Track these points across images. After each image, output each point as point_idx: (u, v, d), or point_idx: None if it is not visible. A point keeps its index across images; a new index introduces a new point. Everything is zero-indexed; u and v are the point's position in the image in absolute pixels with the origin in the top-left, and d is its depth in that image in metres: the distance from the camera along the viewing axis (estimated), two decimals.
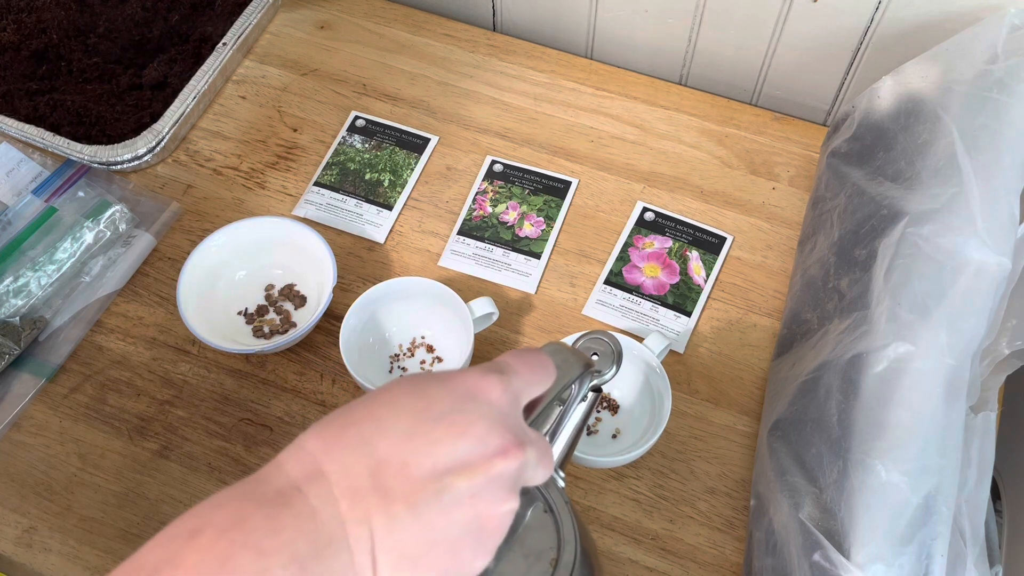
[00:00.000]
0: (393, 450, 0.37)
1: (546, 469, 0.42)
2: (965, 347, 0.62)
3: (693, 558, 0.71)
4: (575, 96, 0.95)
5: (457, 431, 0.38)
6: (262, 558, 0.34)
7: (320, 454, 0.37)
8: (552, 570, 0.46)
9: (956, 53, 0.73)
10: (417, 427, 0.38)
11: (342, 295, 0.82)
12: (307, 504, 0.36)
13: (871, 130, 0.78)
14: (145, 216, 0.86)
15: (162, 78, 0.93)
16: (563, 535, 0.47)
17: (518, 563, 0.46)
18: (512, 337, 0.81)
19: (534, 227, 0.86)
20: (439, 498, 0.37)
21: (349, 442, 0.38)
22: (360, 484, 0.37)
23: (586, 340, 0.55)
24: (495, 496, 0.38)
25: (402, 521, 0.36)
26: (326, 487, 0.36)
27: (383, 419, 0.38)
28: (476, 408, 0.39)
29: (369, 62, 0.98)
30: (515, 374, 0.42)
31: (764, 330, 0.81)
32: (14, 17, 0.96)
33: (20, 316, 0.79)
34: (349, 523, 0.36)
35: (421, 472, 0.37)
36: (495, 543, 0.40)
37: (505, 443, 0.39)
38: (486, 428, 0.39)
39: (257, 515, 0.35)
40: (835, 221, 0.76)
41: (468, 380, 0.40)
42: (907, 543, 0.57)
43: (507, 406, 0.40)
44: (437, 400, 0.39)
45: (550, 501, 0.48)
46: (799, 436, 0.66)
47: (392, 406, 0.39)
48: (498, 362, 0.43)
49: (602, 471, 0.74)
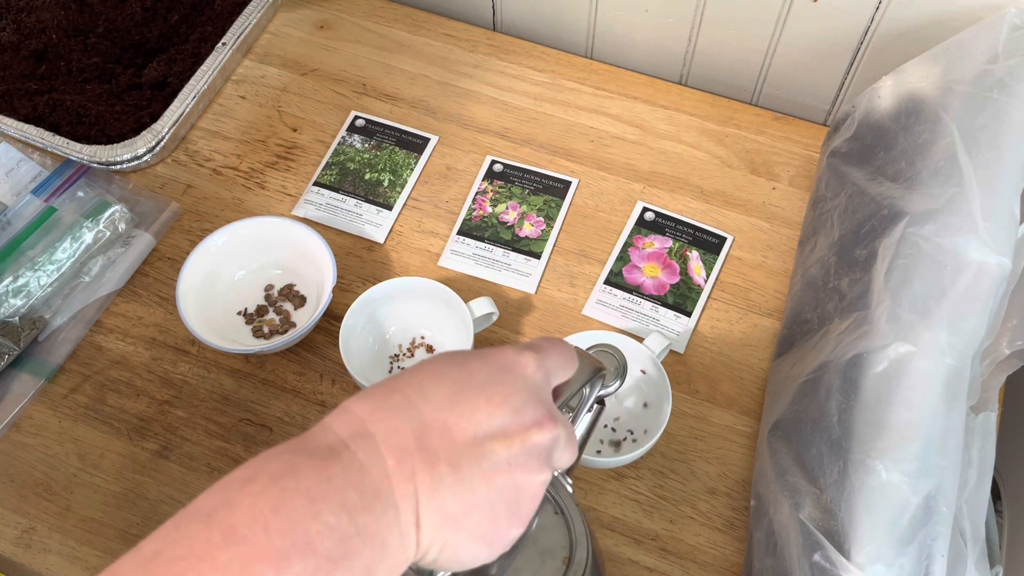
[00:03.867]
0: (436, 414, 0.39)
1: (572, 452, 0.44)
2: (965, 347, 0.62)
3: (693, 558, 0.71)
4: (575, 96, 0.95)
5: (497, 401, 0.40)
6: (313, 504, 0.35)
7: (366, 415, 0.39)
8: (566, 568, 0.47)
9: (956, 53, 0.73)
10: (459, 395, 0.40)
11: (342, 295, 0.82)
12: (355, 459, 0.37)
13: (871, 130, 0.78)
14: (145, 216, 0.86)
15: (162, 78, 0.92)
16: (575, 536, 0.49)
17: (533, 559, 0.47)
18: (512, 337, 0.81)
19: (534, 227, 0.86)
20: (480, 463, 0.38)
21: (394, 406, 0.39)
22: (406, 444, 0.38)
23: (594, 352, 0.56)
24: (531, 465, 0.40)
25: (445, 481, 0.38)
26: (373, 445, 0.38)
27: (426, 386, 0.40)
28: (513, 381, 0.41)
29: (369, 62, 0.97)
30: (547, 355, 0.44)
31: (764, 330, 0.81)
32: (13, 17, 0.96)
33: (19, 316, 0.79)
34: (395, 479, 0.37)
35: (463, 436, 0.39)
36: (529, 513, 0.41)
37: (540, 416, 0.41)
38: (522, 400, 0.41)
39: (308, 465, 0.36)
40: (835, 221, 0.76)
41: (506, 354, 0.42)
42: (907, 543, 0.57)
43: (541, 381, 0.42)
44: (477, 371, 0.41)
45: (561, 504, 0.50)
46: (799, 436, 0.66)
47: (435, 375, 0.40)
48: (532, 343, 0.45)
49: (602, 471, 0.74)
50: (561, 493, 0.50)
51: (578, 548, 0.48)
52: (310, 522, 0.34)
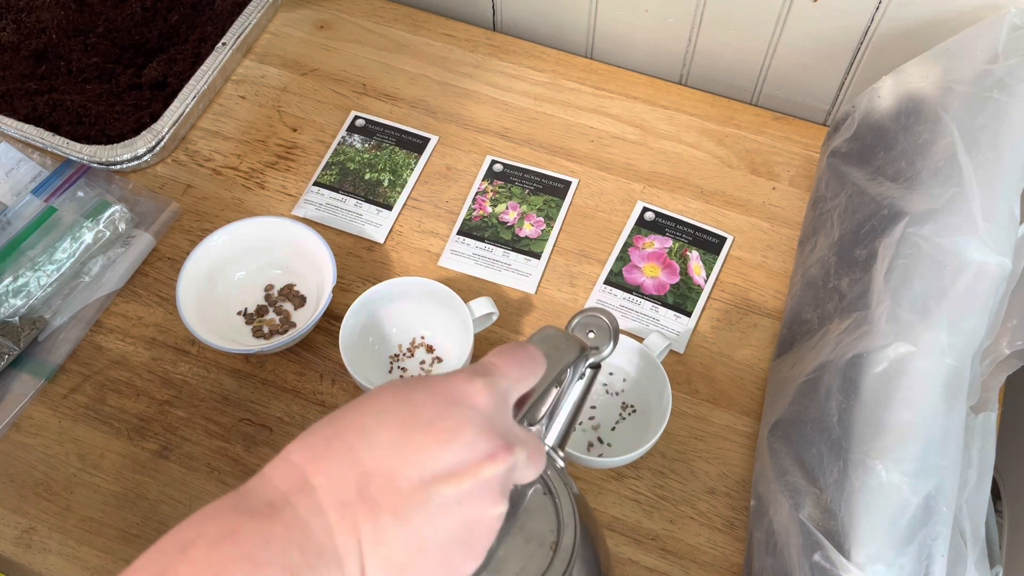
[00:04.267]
0: (380, 461, 0.37)
1: (537, 466, 0.42)
2: (965, 347, 0.62)
3: (693, 558, 0.71)
4: (575, 96, 0.95)
5: (444, 438, 0.38)
6: (256, 569, 0.34)
7: (307, 466, 0.37)
8: (552, 554, 0.45)
9: (956, 53, 0.73)
10: (403, 436, 0.38)
11: (342, 295, 0.82)
12: (297, 516, 0.36)
13: (871, 130, 0.78)
14: (144, 216, 0.86)
15: (161, 78, 0.92)
16: (562, 518, 0.46)
17: (519, 549, 0.45)
18: (512, 337, 0.81)
19: (534, 227, 0.86)
20: (426, 506, 0.37)
21: (335, 453, 0.38)
22: (347, 496, 0.37)
23: (581, 319, 0.53)
24: (483, 501, 0.39)
25: (390, 531, 0.37)
26: (314, 499, 0.37)
27: (369, 428, 0.38)
28: (462, 414, 0.39)
29: (369, 62, 0.97)
30: (501, 375, 0.42)
31: (764, 330, 0.81)
32: (13, 17, 0.96)
33: (19, 316, 0.79)
34: (338, 534, 0.36)
35: (408, 482, 0.37)
36: (485, 546, 0.40)
37: (493, 447, 0.39)
38: (473, 434, 0.39)
39: (248, 526, 0.35)
40: (835, 221, 0.76)
41: (453, 385, 0.40)
42: (907, 543, 0.57)
43: (493, 408, 0.40)
44: (423, 407, 0.39)
45: (549, 483, 0.48)
46: (799, 436, 0.66)
47: (377, 415, 0.39)
48: (484, 363, 0.42)
49: (602, 471, 0.74)
50: (551, 470, 0.48)
51: (565, 532, 0.46)
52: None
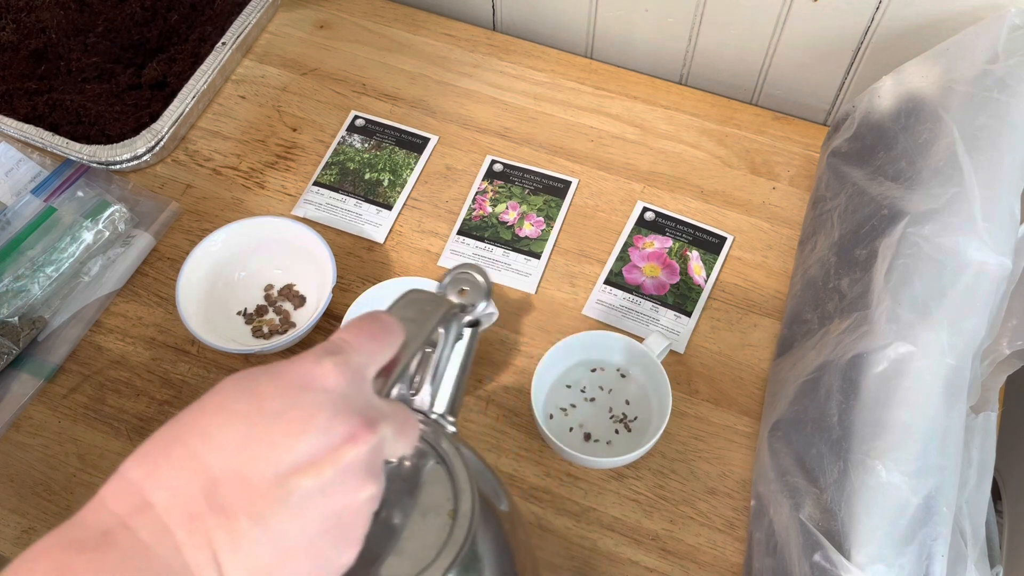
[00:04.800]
0: (227, 463, 0.34)
1: (408, 438, 0.40)
2: (966, 347, 0.62)
3: (693, 559, 0.71)
4: (575, 96, 0.95)
5: (296, 428, 0.35)
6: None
7: (145, 482, 0.34)
8: (452, 522, 0.43)
9: (956, 53, 0.73)
10: (250, 432, 0.35)
11: (342, 295, 0.82)
12: (137, 540, 0.33)
13: (871, 130, 0.78)
14: (144, 216, 0.86)
15: (161, 78, 0.92)
16: (458, 485, 0.44)
17: (416, 523, 0.43)
18: (512, 337, 0.81)
19: (534, 227, 0.86)
20: (286, 503, 0.34)
21: (176, 462, 0.34)
22: (194, 508, 0.33)
23: (453, 276, 0.51)
24: (349, 486, 0.36)
25: (249, 536, 0.34)
26: (155, 518, 0.33)
27: (211, 430, 0.35)
28: (313, 398, 0.36)
29: (369, 62, 0.97)
30: (353, 350, 0.38)
31: (764, 330, 0.81)
32: (13, 17, 0.96)
33: (19, 316, 0.79)
34: (188, 551, 0.33)
35: (263, 480, 0.34)
36: (359, 534, 0.37)
37: (351, 428, 0.36)
38: (327, 417, 0.35)
39: (79, 562, 0.32)
40: (835, 221, 0.76)
41: (300, 368, 0.37)
42: (908, 543, 0.57)
43: (347, 387, 0.37)
44: (269, 397, 0.35)
45: (440, 452, 0.46)
46: (799, 436, 0.66)
47: (220, 413, 0.35)
48: (333, 340, 0.39)
49: (602, 471, 0.74)
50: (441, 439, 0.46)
51: (463, 497, 0.44)
52: None
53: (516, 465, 0.75)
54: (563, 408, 0.76)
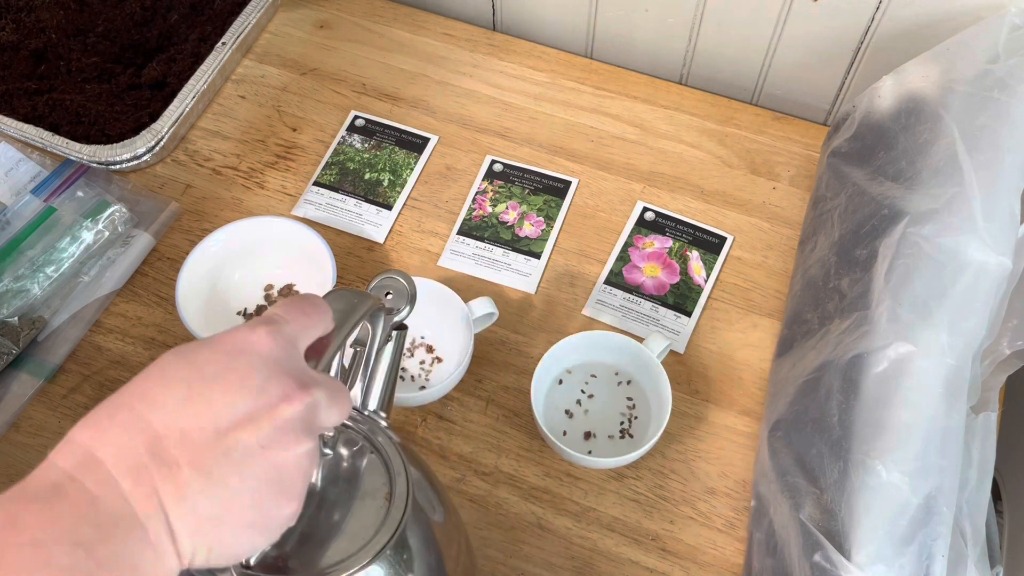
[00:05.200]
0: (169, 421, 0.36)
1: (341, 409, 0.41)
2: (966, 347, 0.62)
3: (693, 559, 0.71)
4: (575, 96, 0.95)
5: (233, 388, 0.37)
6: (39, 550, 0.32)
7: (91, 442, 0.36)
8: (388, 504, 0.47)
9: (957, 53, 0.73)
10: (190, 393, 0.37)
11: None
12: (85, 491, 0.34)
13: (872, 130, 0.78)
14: (144, 216, 0.86)
15: (161, 77, 0.92)
16: (393, 468, 0.48)
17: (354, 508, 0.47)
18: (512, 337, 0.81)
19: (534, 227, 0.86)
20: (228, 456, 0.36)
21: (120, 423, 0.36)
22: (139, 460, 0.35)
23: (379, 281, 0.56)
24: (287, 440, 0.38)
25: (192, 485, 0.36)
26: (103, 471, 0.35)
27: (153, 394, 0.37)
28: (248, 362, 0.38)
29: (369, 62, 0.97)
30: (284, 322, 0.41)
31: (764, 330, 0.81)
32: (13, 17, 0.96)
33: (19, 316, 0.79)
34: (135, 498, 0.35)
35: (203, 435, 0.36)
36: (299, 488, 0.39)
37: (286, 389, 0.38)
38: (264, 378, 0.38)
39: (29, 511, 0.33)
40: (836, 221, 0.76)
41: (236, 336, 0.39)
42: (908, 543, 0.57)
43: (280, 352, 0.40)
44: (207, 363, 0.38)
45: (376, 443, 0.49)
46: (800, 436, 0.66)
47: (161, 379, 0.38)
48: (266, 314, 0.42)
49: (602, 471, 0.74)
50: (377, 433, 0.50)
51: (397, 480, 0.48)
52: (40, 571, 0.32)
53: (516, 465, 0.75)
54: (563, 408, 0.76)
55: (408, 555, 0.48)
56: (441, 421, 0.77)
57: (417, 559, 0.49)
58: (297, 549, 0.45)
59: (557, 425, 0.75)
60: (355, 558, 0.45)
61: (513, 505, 0.73)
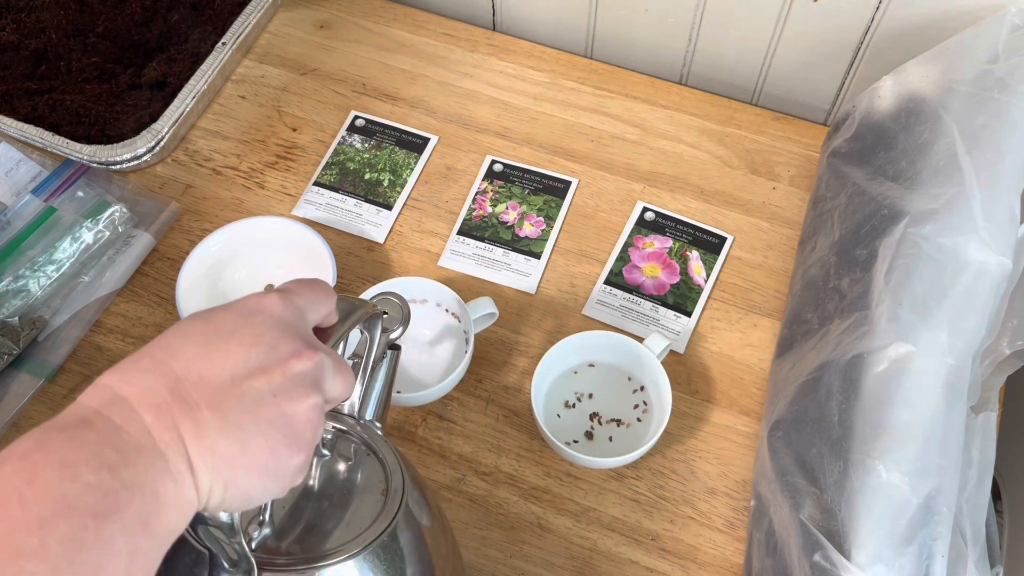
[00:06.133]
0: (188, 367, 0.39)
1: (346, 381, 0.44)
2: (966, 347, 0.62)
3: (693, 559, 0.71)
4: (575, 96, 0.95)
5: (249, 342, 0.40)
6: (68, 468, 0.34)
7: (116, 383, 0.38)
8: (384, 498, 0.50)
9: (957, 53, 0.73)
10: (208, 345, 0.40)
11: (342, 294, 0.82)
12: (110, 422, 0.37)
13: (872, 130, 0.78)
14: (144, 216, 0.86)
15: (161, 78, 0.92)
16: (388, 467, 0.52)
17: (354, 502, 0.50)
18: (512, 337, 0.81)
19: (534, 227, 0.86)
20: (242, 401, 0.39)
21: (144, 369, 0.39)
22: (161, 399, 0.38)
23: (375, 300, 0.58)
24: (297, 392, 0.40)
25: (210, 424, 0.38)
26: (128, 406, 0.37)
27: (174, 345, 0.40)
28: (262, 321, 0.41)
29: (369, 62, 0.97)
30: (295, 293, 0.44)
31: (764, 330, 0.81)
32: (13, 17, 0.96)
33: (19, 316, 0.79)
34: (156, 431, 0.37)
35: (220, 380, 0.39)
36: (309, 438, 0.41)
37: (297, 347, 0.41)
38: (276, 336, 0.41)
39: (59, 437, 0.36)
40: (835, 221, 0.76)
41: (251, 300, 0.43)
42: (908, 543, 0.57)
43: (292, 317, 0.43)
44: (224, 321, 0.41)
45: (372, 446, 0.53)
46: (800, 436, 0.66)
47: (182, 333, 0.40)
48: (278, 287, 0.45)
49: (602, 471, 0.74)
50: (373, 439, 0.53)
51: (393, 477, 0.51)
52: (68, 485, 0.34)
53: (516, 465, 0.75)
54: (563, 408, 0.76)
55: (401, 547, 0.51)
56: (441, 421, 0.77)
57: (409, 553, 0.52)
58: (299, 537, 0.48)
59: (557, 425, 0.75)
60: (352, 544, 0.47)
61: (513, 505, 0.73)
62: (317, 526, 0.49)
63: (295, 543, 0.47)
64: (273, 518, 0.48)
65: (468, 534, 0.72)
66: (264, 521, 0.47)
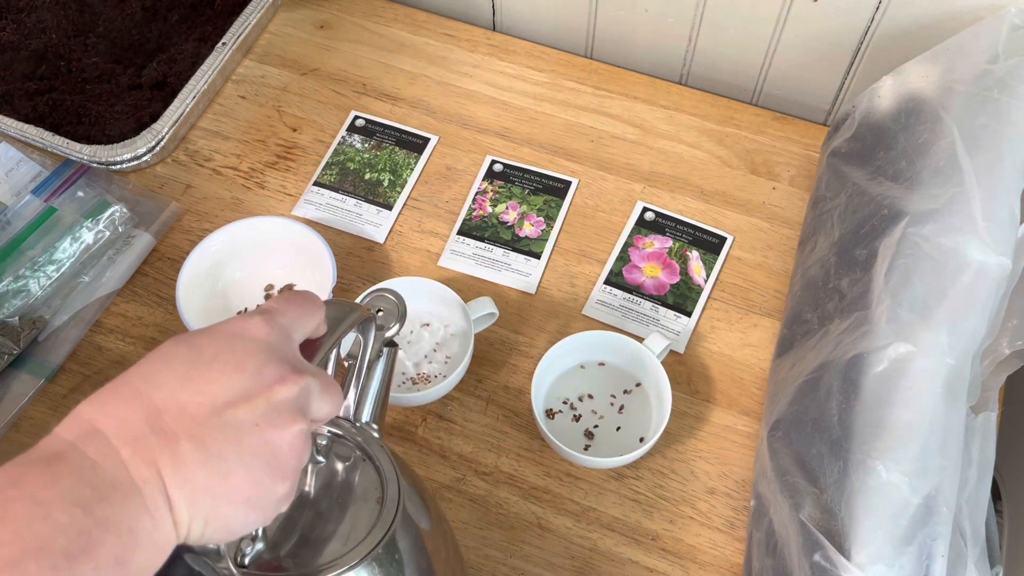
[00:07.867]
0: (169, 396, 0.38)
1: (333, 401, 0.43)
2: (966, 347, 0.62)
3: (693, 558, 0.71)
4: (575, 96, 0.95)
5: (231, 368, 0.39)
6: (40, 506, 0.33)
7: (94, 415, 0.37)
8: (380, 507, 0.49)
9: (957, 53, 0.73)
10: (189, 372, 0.39)
11: (342, 295, 0.82)
12: (85, 457, 0.36)
13: (871, 130, 0.78)
14: (144, 216, 0.86)
15: (161, 78, 0.92)
16: (384, 475, 0.51)
17: (350, 512, 0.49)
18: (512, 337, 0.81)
19: (534, 227, 0.86)
20: (223, 431, 0.38)
21: (123, 399, 0.38)
22: (139, 432, 0.37)
23: (370, 298, 0.57)
24: (281, 420, 0.39)
25: (190, 457, 0.37)
26: (103, 440, 0.36)
27: (154, 373, 0.39)
28: (245, 346, 0.40)
29: (369, 62, 0.97)
30: (279, 313, 0.43)
31: (764, 330, 0.81)
32: (13, 17, 0.96)
33: (19, 316, 0.79)
34: (133, 466, 0.36)
35: (201, 410, 0.38)
36: (293, 467, 0.40)
37: (281, 372, 0.40)
38: (260, 361, 0.40)
39: (31, 472, 0.35)
40: (835, 221, 0.76)
41: (233, 323, 0.41)
42: (908, 543, 0.57)
43: (276, 340, 0.41)
44: (206, 347, 0.40)
45: (369, 452, 0.52)
46: (800, 436, 0.66)
47: (162, 360, 0.39)
48: (261, 306, 0.44)
49: (602, 471, 0.74)
50: (370, 444, 0.52)
51: (389, 485, 0.50)
52: (39, 524, 0.33)
53: (516, 465, 0.75)
54: (563, 408, 0.76)
55: (399, 556, 0.50)
56: (441, 421, 0.77)
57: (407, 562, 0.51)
58: (293, 550, 0.47)
59: (557, 425, 0.75)
60: (348, 556, 0.47)
61: (513, 505, 0.73)
62: (311, 538, 0.48)
63: (289, 557, 0.47)
64: (266, 532, 0.47)
65: (468, 534, 0.72)
66: (257, 536, 0.46)
